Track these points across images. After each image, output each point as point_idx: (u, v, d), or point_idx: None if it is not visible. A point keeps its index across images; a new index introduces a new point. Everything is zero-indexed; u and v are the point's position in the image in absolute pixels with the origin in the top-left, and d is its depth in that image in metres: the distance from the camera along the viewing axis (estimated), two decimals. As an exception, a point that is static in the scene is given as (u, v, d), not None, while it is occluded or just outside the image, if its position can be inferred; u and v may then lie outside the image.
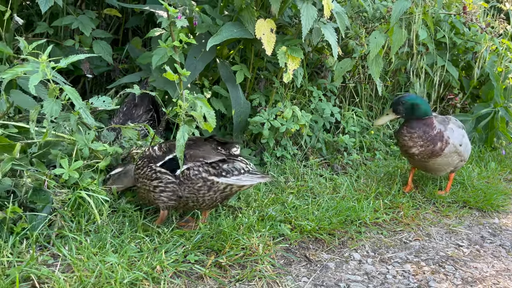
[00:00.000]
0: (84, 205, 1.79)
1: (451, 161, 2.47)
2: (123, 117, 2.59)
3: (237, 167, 1.82)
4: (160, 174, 1.81)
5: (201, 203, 1.86)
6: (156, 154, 1.87)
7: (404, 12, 2.67)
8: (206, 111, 1.76)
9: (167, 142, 1.95)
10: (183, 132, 1.73)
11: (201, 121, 1.74)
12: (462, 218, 2.44)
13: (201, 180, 1.80)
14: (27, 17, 2.97)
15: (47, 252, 1.63)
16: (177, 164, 1.80)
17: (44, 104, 1.61)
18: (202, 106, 1.75)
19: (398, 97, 2.48)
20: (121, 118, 2.58)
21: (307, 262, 1.86)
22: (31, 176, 1.76)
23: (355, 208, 2.23)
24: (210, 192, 1.82)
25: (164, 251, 1.67)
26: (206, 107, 1.76)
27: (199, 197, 1.83)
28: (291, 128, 2.57)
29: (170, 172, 1.82)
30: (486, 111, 3.36)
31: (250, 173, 1.82)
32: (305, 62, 2.93)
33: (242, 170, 1.82)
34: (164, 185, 1.81)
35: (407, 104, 2.41)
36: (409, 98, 2.42)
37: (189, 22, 2.45)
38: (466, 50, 3.48)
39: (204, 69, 2.60)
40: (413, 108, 2.40)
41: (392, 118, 2.50)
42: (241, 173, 1.82)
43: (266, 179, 1.89)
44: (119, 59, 3.12)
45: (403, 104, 2.42)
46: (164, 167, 1.83)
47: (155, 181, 1.82)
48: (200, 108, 1.74)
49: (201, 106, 1.75)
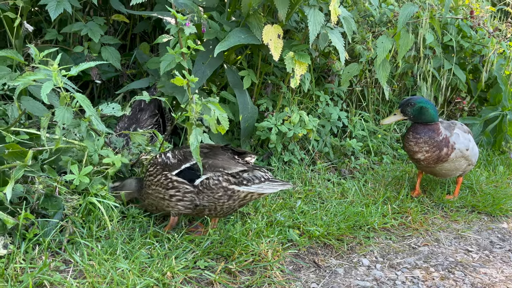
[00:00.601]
0: (95, 211, 1.81)
1: (458, 165, 2.46)
2: (128, 121, 2.60)
3: (257, 176, 1.83)
4: (177, 183, 1.82)
5: (218, 211, 1.87)
6: (170, 161, 1.87)
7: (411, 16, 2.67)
8: (219, 114, 1.77)
9: (180, 149, 1.95)
10: (195, 135, 1.74)
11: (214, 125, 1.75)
12: (471, 223, 2.43)
13: (222, 190, 1.81)
14: (36, 24, 3.01)
15: (59, 258, 1.65)
16: (194, 174, 1.81)
17: (56, 112, 1.63)
18: (215, 110, 1.76)
19: (408, 98, 2.45)
20: (126, 123, 2.59)
21: (316, 268, 1.86)
22: (43, 183, 1.78)
23: (363, 213, 2.23)
24: (229, 201, 1.83)
25: (174, 257, 1.69)
26: (218, 110, 1.78)
27: (218, 206, 1.84)
28: (298, 133, 2.58)
29: (188, 182, 1.83)
30: (494, 114, 3.35)
31: (270, 180, 1.83)
32: (312, 67, 2.94)
33: (262, 178, 1.83)
34: (182, 194, 1.82)
35: (416, 107, 2.38)
36: (419, 101, 2.40)
37: (197, 29, 2.47)
38: (474, 53, 3.47)
39: (211, 75, 2.61)
40: (421, 111, 2.38)
41: (399, 119, 2.47)
42: (262, 181, 1.83)
43: (287, 186, 1.88)
44: (127, 64, 3.15)
45: (411, 106, 2.40)
46: (181, 176, 1.83)
47: (172, 190, 1.83)
48: (213, 112, 1.75)
49: (214, 109, 1.76)
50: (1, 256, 1.56)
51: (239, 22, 2.55)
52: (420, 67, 3.22)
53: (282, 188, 1.84)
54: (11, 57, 1.96)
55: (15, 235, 1.64)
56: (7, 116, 2.20)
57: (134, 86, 2.67)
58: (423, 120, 2.40)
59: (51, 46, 2.83)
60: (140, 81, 2.70)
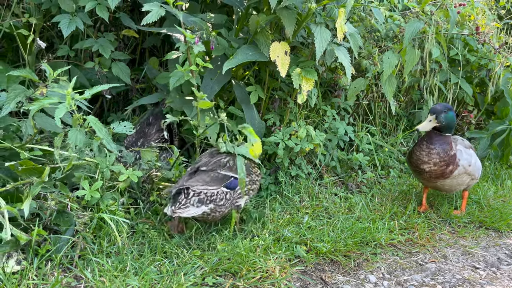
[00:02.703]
0: (105, 228, 1.84)
1: (461, 181, 2.46)
2: (136, 135, 2.65)
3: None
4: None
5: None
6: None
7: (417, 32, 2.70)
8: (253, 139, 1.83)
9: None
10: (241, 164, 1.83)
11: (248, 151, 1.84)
12: (479, 239, 2.43)
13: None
14: (47, 39, 3.08)
15: (71, 274, 1.68)
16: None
17: (69, 134, 1.68)
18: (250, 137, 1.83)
19: (444, 104, 2.38)
20: (134, 137, 2.63)
21: (323, 284, 1.87)
22: (55, 199, 1.82)
23: (370, 229, 2.24)
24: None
25: (183, 273, 1.71)
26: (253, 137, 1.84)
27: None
28: (305, 147, 2.60)
29: None
30: (501, 128, 3.34)
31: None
32: (319, 82, 2.97)
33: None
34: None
35: (449, 114, 2.34)
36: (450, 107, 2.36)
37: (205, 45, 2.52)
38: (480, 67, 3.48)
39: (220, 90, 2.65)
40: (452, 119, 2.35)
41: (434, 125, 2.36)
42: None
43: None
44: (137, 79, 3.21)
45: (445, 112, 2.34)
46: None
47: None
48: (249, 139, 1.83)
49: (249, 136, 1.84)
50: (14, 272, 1.59)
51: (247, 39, 2.59)
52: (426, 81, 3.24)
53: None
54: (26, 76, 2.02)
55: (28, 251, 1.68)
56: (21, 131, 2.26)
57: (143, 101, 2.71)
58: (447, 129, 2.36)
59: (62, 61, 2.90)
60: (150, 97, 2.75)
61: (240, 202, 2.00)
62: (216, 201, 1.91)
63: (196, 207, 1.83)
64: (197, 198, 1.84)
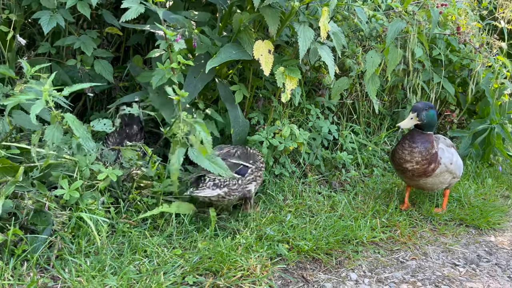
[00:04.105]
0: (84, 227, 1.82)
1: (443, 180, 2.49)
2: (119, 136, 2.60)
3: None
4: None
5: None
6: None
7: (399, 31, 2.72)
8: (204, 136, 1.79)
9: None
10: (178, 156, 1.76)
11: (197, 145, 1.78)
12: (459, 236, 2.46)
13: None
14: (29, 36, 3.03)
15: (48, 274, 1.65)
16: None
17: (45, 131, 1.65)
18: (200, 131, 1.79)
19: (426, 102, 2.41)
20: (117, 138, 2.59)
21: (304, 282, 1.88)
22: (32, 198, 1.79)
23: (352, 227, 2.25)
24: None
25: (163, 273, 1.69)
26: (204, 132, 1.80)
27: None
28: (289, 146, 2.60)
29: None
30: (483, 127, 3.39)
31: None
32: (303, 81, 2.97)
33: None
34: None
35: (430, 112, 2.37)
36: (431, 105, 2.39)
37: (188, 43, 2.50)
38: (462, 67, 3.53)
39: (203, 88, 2.64)
40: (433, 118, 2.39)
41: (416, 123, 2.39)
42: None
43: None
44: (120, 77, 3.17)
45: (426, 110, 2.37)
46: None
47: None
48: (198, 133, 1.77)
49: (200, 131, 1.78)
50: (-11, 272, 1.56)
51: (231, 37, 2.58)
52: (410, 80, 3.28)
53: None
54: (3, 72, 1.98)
55: (3, 251, 1.65)
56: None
57: (125, 99, 2.68)
58: (428, 127, 2.39)
59: (44, 59, 2.85)
60: (131, 95, 2.72)
61: (250, 187, 2.20)
62: (229, 186, 2.11)
63: (211, 189, 2.07)
64: (212, 182, 2.08)
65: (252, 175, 2.23)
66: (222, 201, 2.13)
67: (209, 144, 1.86)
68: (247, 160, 2.25)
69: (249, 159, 2.26)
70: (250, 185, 2.21)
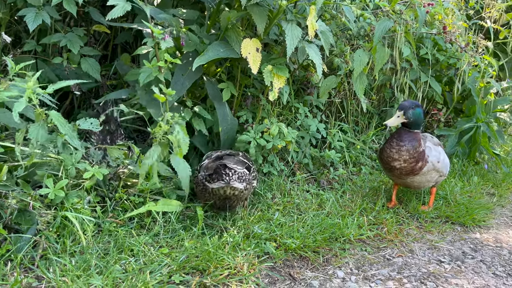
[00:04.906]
0: (69, 226, 1.80)
1: (430, 178, 2.52)
2: (101, 133, 2.58)
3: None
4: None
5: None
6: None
7: (387, 31, 2.74)
8: (181, 137, 1.79)
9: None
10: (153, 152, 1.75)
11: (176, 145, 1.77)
12: (445, 234, 2.49)
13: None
14: (14, 34, 2.99)
15: (32, 274, 1.64)
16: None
17: (30, 130, 1.63)
18: (179, 131, 1.78)
19: (412, 101, 2.45)
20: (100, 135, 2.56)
21: (292, 280, 1.88)
22: (16, 197, 1.77)
23: (339, 225, 2.27)
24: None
25: (149, 272, 1.69)
26: (182, 133, 1.79)
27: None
28: (278, 144, 2.61)
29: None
30: (469, 126, 3.43)
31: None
32: (291, 79, 2.98)
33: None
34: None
35: (417, 110, 2.40)
36: (418, 104, 2.42)
37: (176, 41, 2.49)
38: (449, 66, 3.57)
39: (191, 86, 2.63)
40: (419, 116, 2.41)
41: (402, 121, 2.43)
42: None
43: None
44: (108, 75, 3.15)
45: (413, 109, 2.40)
46: None
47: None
48: (177, 132, 1.77)
49: (178, 131, 1.78)
50: (-29, 273, 1.54)
51: (219, 35, 2.58)
52: (397, 79, 3.30)
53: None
54: (-14, 70, 1.95)
55: (-14, 251, 1.62)
56: (-18, 128, 2.18)
57: (112, 96, 2.66)
58: (415, 125, 2.42)
59: (29, 57, 2.81)
60: (118, 92, 2.69)
61: (254, 183, 2.25)
62: (246, 180, 2.13)
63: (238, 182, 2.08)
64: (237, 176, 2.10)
65: (254, 173, 2.27)
66: (240, 195, 2.14)
67: (186, 145, 1.86)
68: (248, 160, 2.30)
69: (248, 160, 2.31)
70: (254, 181, 2.26)
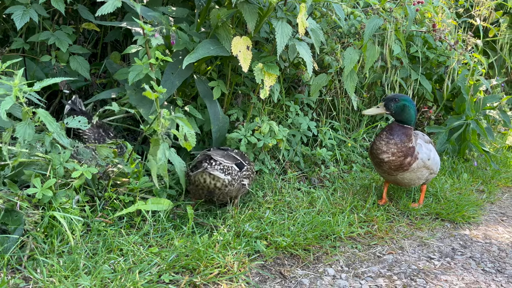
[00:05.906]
0: (57, 226, 1.78)
1: (420, 175, 2.53)
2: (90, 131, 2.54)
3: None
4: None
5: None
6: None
7: (377, 28, 2.75)
8: (187, 130, 1.78)
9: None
10: (163, 150, 1.75)
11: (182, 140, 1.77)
12: (435, 230, 2.50)
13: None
14: (3, 32, 2.95)
15: (19, 275, 1.62)
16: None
17: (17, 128, 1.61)
18: (183, 126, 1.77)
19: (394, 94, 2.50)
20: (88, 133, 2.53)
21: (282, 278, 1.88)
22: (3, 197, 1.75)
23: (330, 223, 2.27)
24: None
25: (138, 271, 1.68)
26: (187, 127, 1.79)
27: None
28: (269, 143, 2.60)
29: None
30: (459, 123, 3.46)
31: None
32: (282, 77, 2.98)
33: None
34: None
35: (400, 103, 2.43)
36: (403, 98, 2.45)
37: (166, 39, 2.47)
38: (439, 64, 3.59)
39: (182, 85, 2.61)
40: (404, 109, 2.43)
41: (381, 112, 2.50)
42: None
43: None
44: (97, 73, 3.12)
45: (395, 102, 2.44)
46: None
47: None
48: (181, 128, 1.76)
49: (182, 126, 1.77)
50: (-43, 274, 1.52)
51: (209, 33, 2.57)
52: (388, 77, 3.31)
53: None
54: (-29, 68, 1.92)
55: (-28, 252, 1.60)
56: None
57: (102, 96, 2.64)
58: (402, 118, 2.44)
59: (17, 55, 2.78)
60: (109, 91, 2.68)
61: (245, 182, 2.26)
62: (232, 175, 2.16)
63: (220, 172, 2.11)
64: (219, 167, 2.13)
65: (247, 172, 2.28)
66: (224, 189, 2.15)
67: (193, 138, 1.86)
68: (243, 159, 2.31)
69: (244, 159, 2.32)
70: (245, 180, 2.26)
